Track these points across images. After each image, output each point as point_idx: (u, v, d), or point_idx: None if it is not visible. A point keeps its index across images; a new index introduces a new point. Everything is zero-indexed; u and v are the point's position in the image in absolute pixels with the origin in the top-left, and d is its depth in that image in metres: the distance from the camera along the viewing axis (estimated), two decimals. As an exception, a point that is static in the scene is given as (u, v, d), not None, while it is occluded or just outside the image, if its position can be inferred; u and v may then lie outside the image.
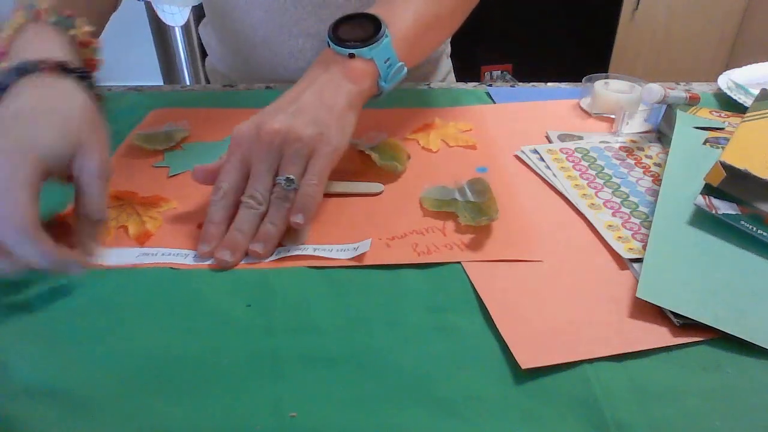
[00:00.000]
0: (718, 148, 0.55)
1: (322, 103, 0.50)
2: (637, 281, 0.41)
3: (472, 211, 0.49)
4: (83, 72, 0.46)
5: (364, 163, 0.58)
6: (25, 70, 0.43)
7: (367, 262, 0.45)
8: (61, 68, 0.45)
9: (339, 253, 0.46)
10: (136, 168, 0.58)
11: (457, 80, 0.86)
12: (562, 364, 0.36)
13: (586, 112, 0.69)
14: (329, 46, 0.54)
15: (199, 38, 0.90)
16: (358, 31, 0.54)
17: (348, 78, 0.53)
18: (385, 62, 0.54)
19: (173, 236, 0.48)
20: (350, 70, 0.53)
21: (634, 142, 0.62)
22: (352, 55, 0.53)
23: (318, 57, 0.55)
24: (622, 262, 0.45)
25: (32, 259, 0.38)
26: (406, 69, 0.57)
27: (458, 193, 0.52)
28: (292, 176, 0.47)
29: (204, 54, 0.92)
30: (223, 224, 0.47)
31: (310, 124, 0.48)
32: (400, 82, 0.57)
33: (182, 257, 0.46)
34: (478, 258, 0.45)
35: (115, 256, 0.46)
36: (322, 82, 0.52)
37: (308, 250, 0.46)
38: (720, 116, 0.64)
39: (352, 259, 0.45)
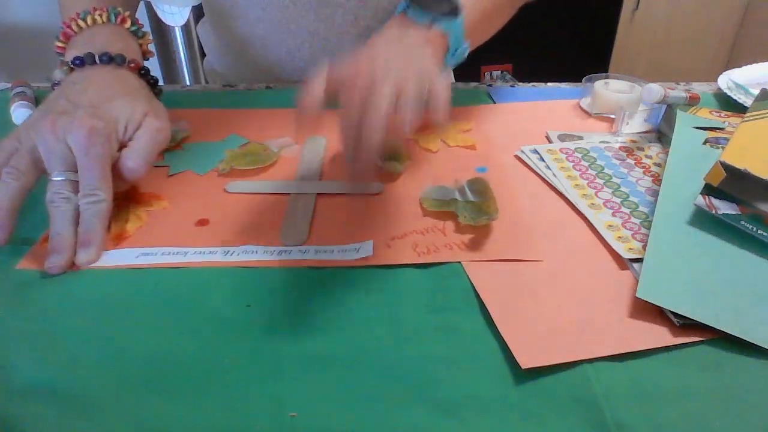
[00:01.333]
0: (718, 148, 0.55)
1: (413, 56, 0.49)
2: (637, 281, 0.41)
3: (472, 210, 0.49)
4: (154, 79, 0.57)
5: None
6: (113, 59, 0.52)
7: (368, 263, 0.45)
8: (140, 70, 0.55)
9: (340, 254, 0.46)
10: None
11: (457, 80, 0.86)
12: (562, 364, 0.36)
13: (586, 112, 0.69)
14: (405, 13, 0.53)
15: (199, 38, 0.90)
16: (434, 4, 0.53)
17: (429, 44, 0.51)
18: (455, 39, 0.54)
19: (171, 234, 0.48)
20: (430, 36, 0.52)
21: (634, 142, 0.62)
22: (429, 25, 0.52)
23: (389, 22, 0.54)
24: (622, 262, 0.45)
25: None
26: (468, 51, 0.57)
27: (458, 192, 0.52)
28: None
29: (204, 54, 0.92)
30: None
31: (416, 68, 0.46)
32: (459, 63, 0.57)
33: (182, 255, 0.46)
34: (478, 258, 0.45)
35: (115, 257, 0.46)
36: (406, 43, 0.51)
37: (309, 252, 0.46)
38: (720, 116, 0.64)
39: (354, 261, 0.45)
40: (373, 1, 0.74)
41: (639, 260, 0.44)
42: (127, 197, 0.53)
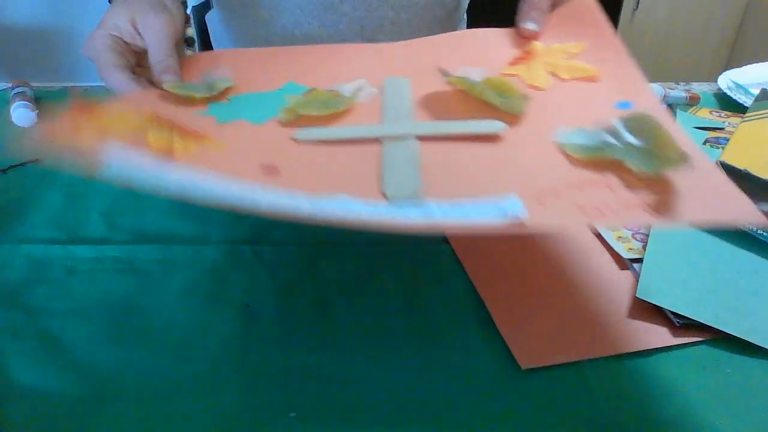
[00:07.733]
0: (718, 148, 0.55)
1: None
2: (637, 281, 0.41)
3: (643, 157, 0.36)
4: None
5: (467, 105, 0.44)
6: None
7: (525, 229, 0.33)
8: None
9: (478, 212, 0.33)
10: (173, 113, 0.43)
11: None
12: (562, 364, 0.36)
13: (586, 112, 0.69)
14: None
15: (199, 37, 0.90)
16: None
17: None
18: None
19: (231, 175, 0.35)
20: None
21: (634, 142, 0.61)
22: None
23: None
24: (622, 262, 0.45)
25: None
26: None
27: (611, 136, 0.39)
28: None
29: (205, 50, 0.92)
30: None
31: None
32: None
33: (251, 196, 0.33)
34: (677, 221, 0.34)
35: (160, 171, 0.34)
36: None
37: (431, 209, 0.33)
38: (720, 116, 0.64)
39: (504, 225, 0.32)
40: (379, 12, 0.74)
41: (639, 260, 0.44)
42: (171, 127, 0.40)
